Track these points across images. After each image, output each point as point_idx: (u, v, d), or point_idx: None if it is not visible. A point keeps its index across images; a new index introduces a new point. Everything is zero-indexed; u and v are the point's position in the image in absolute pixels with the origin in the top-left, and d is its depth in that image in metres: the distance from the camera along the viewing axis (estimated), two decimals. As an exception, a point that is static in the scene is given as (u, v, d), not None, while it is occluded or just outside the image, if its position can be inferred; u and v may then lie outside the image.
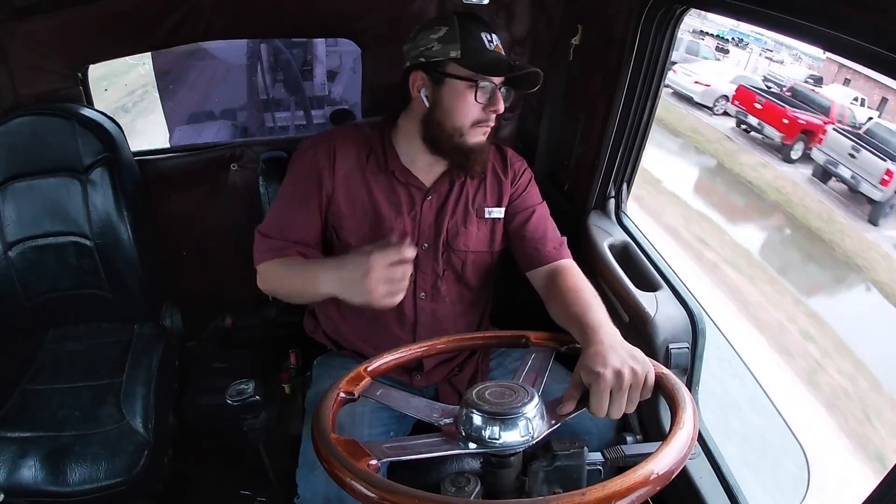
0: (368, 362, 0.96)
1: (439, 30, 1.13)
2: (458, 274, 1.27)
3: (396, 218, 1.22)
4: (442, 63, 1.13)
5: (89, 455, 1.29)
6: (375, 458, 0.78)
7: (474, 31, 1.13)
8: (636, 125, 1.36)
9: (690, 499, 1.11)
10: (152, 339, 1.58)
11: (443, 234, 1.24)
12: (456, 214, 1.25)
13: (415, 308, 1.25)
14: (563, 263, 1.22)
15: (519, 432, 0.81)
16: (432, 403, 0.93)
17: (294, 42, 3.27)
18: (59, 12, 1.48)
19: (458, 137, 1.15)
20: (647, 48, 1.27)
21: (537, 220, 1.26)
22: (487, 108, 1.14)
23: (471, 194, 1.26)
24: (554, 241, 1.25)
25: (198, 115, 3.37)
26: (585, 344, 0.97)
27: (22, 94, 1.52)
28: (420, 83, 1.15)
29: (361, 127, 1.27)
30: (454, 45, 1.11)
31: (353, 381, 0.92)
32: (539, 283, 1.23)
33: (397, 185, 1.23)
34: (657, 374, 0.92)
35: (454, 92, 1.13)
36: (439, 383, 1.30)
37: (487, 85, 1.13)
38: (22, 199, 1.50)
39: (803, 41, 0.90)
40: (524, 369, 0.96)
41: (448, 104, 1.14)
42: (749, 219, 8.69)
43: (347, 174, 1.21)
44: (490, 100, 1.14)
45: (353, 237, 1.22)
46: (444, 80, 1.13)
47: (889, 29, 0.72)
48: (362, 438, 0.82)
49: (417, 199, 1.23)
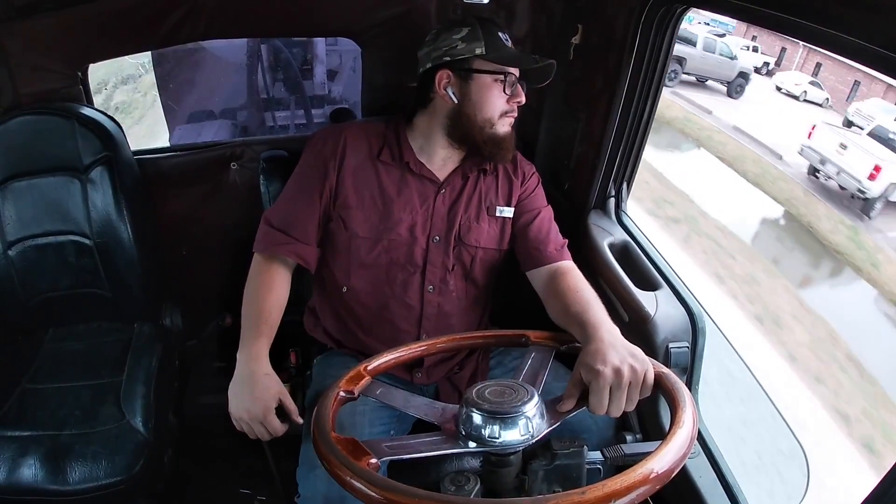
0: (368, 361, 0.96)
1: (461, 31, 1.20)
2: (466, 269, 1.28)
3: (405, 209, 1.24)
4: (468, 60, 1.19)
5: (89, 454, 1.29)
6: (376, 457, 0.78)
7: (493, 31, 1.21)
8: (636, 124, 1.36)
9: (690, 498, 1.11)
10: (152, 338, 1.58)
11: (455, 228, 1.26)
12: (469, 210, 1.27)
13: (422, 301, 1.26)
14: (564, 265, 1.24)
15: (519, 431, 0.81)
16: (432, 402, 0.93)
17: (294, 41, 3.26)
18: (59, 11, 1.48)
19: (489, 129, 1.21)
20: (648, 47, 1.27)
21: (541, 222, 1.29)
22: (512, 100, 1.21)
23: (484, 192, 1.28)
24: (556, 244, 1.27)
25: (198, 115, 3.36)
26: (585, 342, 0.97)
27: (22, 93, 1.52)
28: (446, 81, 1.20)
29: (375, 122, 1.31)
30: (479, 43, 1.18)
31: (352, 379, 0.92)
32: (539, 283, 1.24)
33: (410, 178, 1.25)
34: (657, 373, 0.92)
35: (482, 86, 1.20)
36: (440, 381, 1.30)
37: (511, 77, 1.20)
38: (22, 199, 1.49)
39: (803, 40, 0.91)
40: (524, 368, 0.97)
41: (477, 98, 1.20)
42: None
43: (358, 165, 1.24)
44: (514, 91, 1.21)
45: (361, 228, 1.23)
46: (472, 75, 1.19)
47: (889, 28, 0.72)
48: (362, 437, 0.82)
49: (430, 193, 1.26)
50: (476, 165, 1.27)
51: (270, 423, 1.08)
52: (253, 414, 1.07)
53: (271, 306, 1.19)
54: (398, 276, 1.25)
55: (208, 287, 1.79)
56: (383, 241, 1.24)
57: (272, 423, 1.08)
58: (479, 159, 1.26)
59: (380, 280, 1.25)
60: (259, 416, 1.07)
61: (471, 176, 1.28)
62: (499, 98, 1.20)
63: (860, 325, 6.81)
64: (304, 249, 1.23)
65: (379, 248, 1.24)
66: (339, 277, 1.27)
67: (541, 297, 1.23)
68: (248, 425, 1.09)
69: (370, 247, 1.24)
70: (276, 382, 1.11)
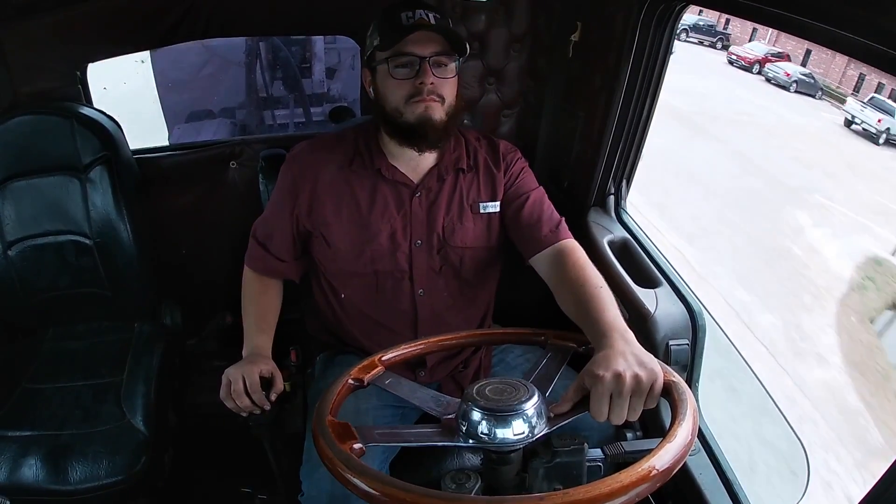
0: (384, 352, 0.97)
1: (372, 28, 1.19)
2: (455, 270, 1.26)
3: (382, 218, 1.22)
4: (373, 54, 1.18)
5: (90, 453, 1.29)
6: (361, 442, 0.79)
7: (393, 15, 1.15)
8: (636, 122, 1.36)
9: (691, 495, 1.12)
10: (152, 337, 1.58)
11: (437, 230, 1.23)
12: (451, 211, 1.24)
13: (414, 304, 1.25)
14: (564, 246, 1.19)
15: (518, 429, 0.81)
16: (438, 395, 0.92)
17: (292, 39, 3.26)
18: (58, 11, 1.48)
19: (399, 118, 1.17)
20: (647, 45, 1.27)
21: (532, 205, 1.24)
22: (415, 82, 1.14)
23: (465, 190, 1.25)
24: (550, 224, 1.22)
25: (197, 114, 3.36)
26: (597, 348, 0.94)
27: (21, 92, 1.52)
28: (368, 81, 1.21)
29: (346, 132, 1.29)
30: (376, 35, 1.17)
31: (365, 368, 0.93)
32: (543, 270, 1.19)
33: (383, 185, 1.23)
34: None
35: (382, 77, 1.17)
36: (443, 380, 1.30)
37: (405, 59, 1.14)
38: (21, 199, 1.49)
39: (803, 38, 0.90)
40: (538, 368, 0.95)
41: (382, 90, 1.18)
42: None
43: (332, 179, 1.23)
44: (417, 73, 1.14)
45: (342, 242, 1.22)
46: (376, 70, 1.18)
47: (890, 26, 0.72)
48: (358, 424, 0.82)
49: (406, 197, 1.23)
50: (452, 165, 1.24)
51: (254, 383, 1.13)
52: (243, 372, 1.13)
53: (267, 307, 1.28)
54: (387, 283, 1.24)
55: (208, 286, 1.79)
56: (366, 253, 1.22)
57: (256, 385, 1.13)
58: (454, 158, 1.24)
59: (370, 288, 1.25)
60: (248, 373, 1.13)
61: (447, 177, 1.24)
62: (399, 84, 1.15)
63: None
64: (282, 267, 1.28)
65: (363, 259, 1.22)
66: (335, 284, 1.27)
67: (549, 286, 1.17)
68: (235, 393, 1.13)
69: (354, 258, 1.22)
70: (273, 364, 1.18)
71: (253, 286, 1.29)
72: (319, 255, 1.26)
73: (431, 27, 1.13)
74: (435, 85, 1.14)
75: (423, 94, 1.14)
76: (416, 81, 1.14)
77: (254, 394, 1.13)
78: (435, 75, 1.14)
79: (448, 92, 1.17)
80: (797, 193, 9.60)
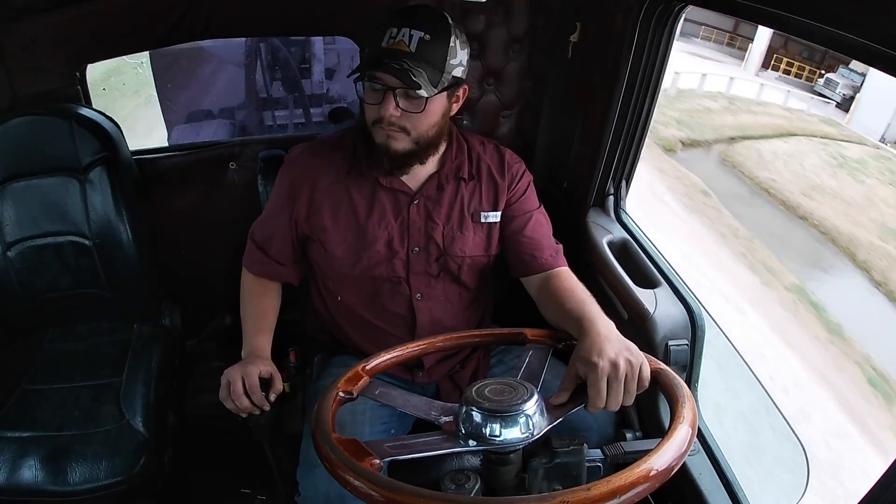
0: (366, 361, 0.96)
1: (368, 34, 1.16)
2: (454, 275, 1.26)
3: (380, 225, 1.21)
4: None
5: (89, 454, 1.29)
6: (378, 458, 0.78)
7: (382, 31, 1.08)
8: (635, 122, 1.36)
9: (690, 494, 1.12)
10: (152, 338, 1.58)
11: (435, 238, 1.22)
12: (451, 220, 1.23)
13: (411, 308, 1.25)
14: (560, 271, 1.22)
15: (519, 429, 0.81)
16: (431, 402, 0.93)
17: (292, 40, 3.25)
18: (57, 12, 1.48)
19: (371, 137, 1.15)
20: (646, 45, 1.27)
21: (534, 226, 1.24)
22: (380, 109, 1.09)
23: (466, 199, 1.24)
24: (550, 249, 1.23)
25: (196, 114, 3.36)
26: (581, 335, 0.97)
27: (20, 93, 1.52)
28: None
29: (345, 136, 1.26)
30: (366, 45, 1.12)
31: (351, 380, 0.92)
32: (533, 287, 1.22)
33: (381, 192, 1.21)
34: (656, 369, 0.92)
35: (362, 90, 1.12)
36: (440, 380, 1.30)
37: (376, 84, 1.08)
38: (20, 200, 1.49)
39: (802, 38, 0.90)
40: (522, 367, 0.97)
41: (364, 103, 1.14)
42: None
43: (329, 187, 1.22)
44: (382, 101, 1.08)
45: (339, 248, 1.22)
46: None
47: (890, 26, 0.72)
48: (363, 437, 0.82)
49: (404, 204, 1.21)
50: (453, 173, 1.22)
51: (254, 384, 1.12)
52: (242, 372, 1.13)
53: (266, 308, 1.27)
54: (384, 288, 1.24)
55: (207, 287, 1.79)
56: (363, 260, 1.21)
57: (255, 386, 1.12)
58: (455, 166, 1.22)
59: (367, 293, 1.25)
60: (248, 374, 1.12)
61: (448, 185, 1.22)
62: (368, 107, 1.11)
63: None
64: (281, 270, 1.28)
65: (360, 265, 1.22)
66: (333, 288, 1.28)
67: (535, 300, 1.21)
68: (235, 394, 1.12)
69: (351, 265, 1.22)
70: (272, 365, 1.18)
71: (252, 287, 1.30)
72: (317, 259, 1.26)
73: (405, 57, 1.05)
74: (399, 117, 1.09)
75: (384, 124, 1.10)
76: (380, 109, 1.09)
77: (253, 395, 1.13)
78: (400, 107, 1.08)
79: (415, 124, 1.11)
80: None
